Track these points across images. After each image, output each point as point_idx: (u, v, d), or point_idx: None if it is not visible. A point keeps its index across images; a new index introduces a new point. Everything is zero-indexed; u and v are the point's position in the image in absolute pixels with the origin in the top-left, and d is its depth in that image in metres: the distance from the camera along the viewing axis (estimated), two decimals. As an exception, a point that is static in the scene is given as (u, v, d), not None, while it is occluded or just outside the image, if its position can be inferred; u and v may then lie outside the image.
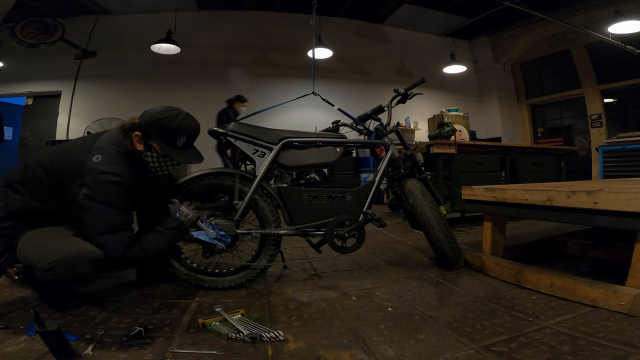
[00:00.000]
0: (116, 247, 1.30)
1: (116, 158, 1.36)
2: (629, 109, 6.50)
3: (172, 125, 1.42)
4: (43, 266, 1.22)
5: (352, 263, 2.15)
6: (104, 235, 1.30)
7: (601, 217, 1.39)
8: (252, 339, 1.13)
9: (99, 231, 1.30)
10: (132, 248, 1.33)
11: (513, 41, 7.43)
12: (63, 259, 1.23)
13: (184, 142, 1.45)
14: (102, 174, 1.30)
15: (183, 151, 1.47)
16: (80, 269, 1.25)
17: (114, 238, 1.30)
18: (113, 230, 1.30)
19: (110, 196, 1.31)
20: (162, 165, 1.49)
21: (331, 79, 6.75)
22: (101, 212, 1.29)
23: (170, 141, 1.43)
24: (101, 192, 1.29)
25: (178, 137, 1.43)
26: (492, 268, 1.83)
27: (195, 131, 1.50)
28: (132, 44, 6.27)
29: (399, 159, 2.03)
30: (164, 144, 1.42)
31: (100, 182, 1.30)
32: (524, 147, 4.19)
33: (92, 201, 1.29)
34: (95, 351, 1.06)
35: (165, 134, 1.42)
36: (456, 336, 1.17)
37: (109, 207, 1.30)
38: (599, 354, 1.01)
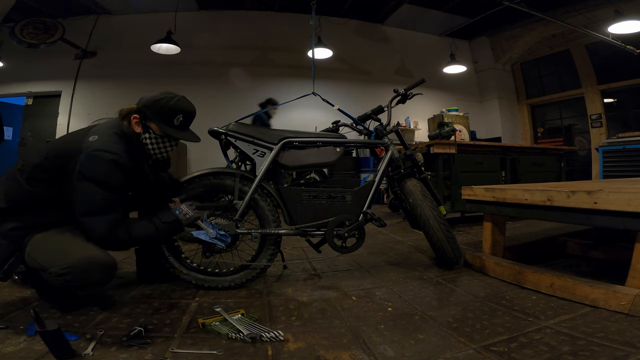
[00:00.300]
0: (100, 228, 1.29)
1: (113, 138, 1.37)
2: (629, 109, 6.50)
3: (169, 105, 1.43)
4: (55, 271, 1.22)
5: (352, 263, 2.15)
6: (89, 217, 1.29)
7: (601, 217, 1.39)
8: (252, 339, 1.13)
9: (83, 211, 1.29)
10: (118, 230, 1.32)
11: (513, 41, 7.43)
12: (76, 266, 1.22)
13: (181, 121, 1.46)
14: (97, 150, 1.30)
15: (180, 130, 1.47)
16: (92, 276, 1.26)
17: (99, 219, 1.29)
18: (99, 211, 1.29)
19: (101, 174, 1.29)
20: (160, 146, 1.48)
21: (331, 79, 6.75)
22: (89, 191, 1.28)
23: (168, 120, 1.43)
24: (92, 169, 1.28)
25: (175, 116, 1.44)
26: (492, 268, 1.83)
27: (192, 112, 1.50)
28: (132, 44, 6.27)
29: (399, 159, 2.03)
30: (161, 123, 1.43)
31: (93, 158, 1.29)
32: (524, 147, 4.19)
33: (83, 180, 1.28)
34: (95, 351, 1.06)
35: (162, 114, 1.43)
36: (456, 336, 1.17)
37: (97, 187, 1.28)
38: (599, 354, 1.01)
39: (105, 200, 1.30)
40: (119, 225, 1.33)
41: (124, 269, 1.91)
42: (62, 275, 1.21)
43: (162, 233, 1.45)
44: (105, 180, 1.29)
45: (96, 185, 1.28)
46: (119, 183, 1.33)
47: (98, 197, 1.29)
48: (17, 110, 6.30)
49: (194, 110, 1.52)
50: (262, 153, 1.78)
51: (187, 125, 1.51)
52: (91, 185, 1.28)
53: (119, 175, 1.32)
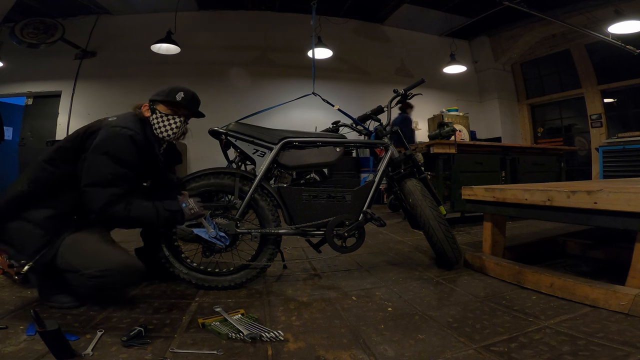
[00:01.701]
0: (98, 200, 1.32)
1: (130, 117, 1.48)
2: (629, 109, 6.50)
3: (171, 87, 1.58)
4: (91, 273, 1.27)
5: (352, 263, 2.15)
6: (92, 187, 1.33)
7: (601, 217, 1.39)
8: (252, 339, 1.13)
9: (87, 182, 1.33)
10: (116, 204, 1.35)
11: (513, 41, 7.43)
12: (112, 269, 1.29)
13: (182, 97, 1.56)
14: (115, 127, 1.38)
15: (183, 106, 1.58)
16: (126, 279, 1.35)
17: (101, 191, 1.33)
18: (102, 183, 1.33)
19: (115, 148, 1.34)
20: (165, 123, 1.56)
21: (331, 79, 6.75)
22: (99, 162, 1.33)
23: (170, 97, 1.55)
24: (107, 142, 1.34)
25: (176, 92, 1.56)
26: (492, 268, 1.83)
27: (192, 93, 1.60)
28: (132, 44, 6.27)
29: (399, 159, 2.03)
30: (165, 99, 1.55)
31: (111, 132, 1.36)
32: (524, 147, 4.19)
33: (96, 152, 1.33)
34: (95, 351, 1.06)
35: (164, 94, 1.56)
36: (456, 336, 1.17)
37: (109, 159, 1.33)
38: (599, 354, 1.01)
39: (113, 174, 1.34)
40: (119, 200, 1.35)
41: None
42: (98, 277, 1.27)
43: (162, 219, 1.46)
44: (118, 155, 1.35)
45: (108, 157, 1.33)
46: (131, 159, 1.39)
47: (107, 170, 1.33)
48: (17, 110, 6.29)
49: (194, 93, 1.62)
50: (262, 153, 1.78)
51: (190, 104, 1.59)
52: (104, 158, 1.33)
53: (132, 152, 1.38)
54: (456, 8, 6.68)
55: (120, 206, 1.35)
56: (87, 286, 1.30)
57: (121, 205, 1.36)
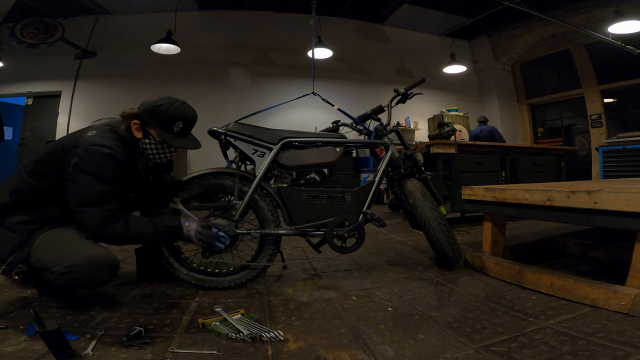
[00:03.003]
0: (93, 218, 1.30)
1: (110, 134, 1.39)
2: (629, 109, 6.50)
3: (169, 112, 1.44)
4: (59, 270, 1.23)
5: (352, 263, 2.15)
6: (83, 207, 1.30)
7: (601, 217, 1.39)
8: (252, 339, 1.13)
9: (78, 203, 1.30)
10: (112, 223, 1.32)
11: (513, 41, 7.43)
12: (79, 264, 1.25)
13: (181, 128, 1.47)
14: (93, 145, 1.32)
15: (180, 137, 1.49)
16: (96, 275, 1.29)
17: (92, 210, 1.30)
18: (93, 202, 1.30)
19: (97, 167, 1.31)
20: (159, 152, 1.50)
21: (331, 79, 6.75)
22: (85, 183, 1.30)
23: (167, 127, 1.45)
24: (89, 162, 1.30)
25: (174, 123, 1.45)
26: (492, 268, 1.83)
27: (192, 118, 1.52)
28: (132, 44, 6.27)
29: (399, 159, 2.03)
30: (160, 129, 1.45)
31: (90, 152, 1.31)
32: (524, 147, 4.20)
33: (78, 172, 1.30)
34: (95, 351, 1.06)
35: (161, 120, 1.44)
36: (456, 336, 1.17)
37: (93, 179, 1.30)
38: (599, 354, 1.01)
39: (101, 192, 1.31)
40: (114, 217, 1.33)
41: (124, 269, 1.90)
42: (66, 274, 1.23)
43: (160, 236, 1.44)
44: (101, 173, 1.31)
45: (92, 177, 1.30)
46: (115, 176, 1.35)
47: (94, 189, 1.30)
48: (17, 110, 6.30)
49: (195, 115, 1.53)
50: (261, 153, 1.78)
51: (187, 131, 1.52)
52: (87, 177, 1.30)
53: (115, 169, 1.34)
54: (456, 8, 6.68)
55: (118, 224, 1.34)
56: (60, 283, 1.27)
57: (119, 224, 1.34)
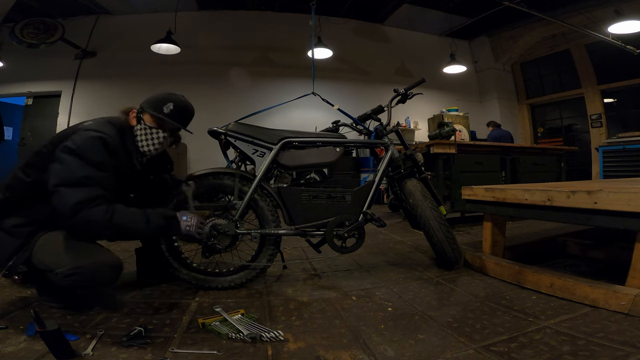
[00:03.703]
0: (68, 198, 1.21)
1: (107, 124, 1.39)
2: (629, 109, 6.50)
3: (161, 95, 1.50)
4: (62, 272, 1.22)
5: (352, 263, 2.15)
6: (60, 186, 1.22)
7: (601, 217, 1.39)
8: (252, 339, 1.13)
9: (56, 181, 1.23)
10: (91, 206, 1.22)
11: (513, 41, 7.43)
12: (83, 266, 1.24)
13: (171, 109, 1.47)
14: (87, 130, 1.32)
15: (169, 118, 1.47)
16: (99, 276, 1.28)
17: (70, 190, 1.22)
18: (72, 182, 1.23)
19: (86, 149, 1.27)
20: (148, 137, 1.48)
21: (331, 79, 6.75)
22: (68, 162, 1.24)
23: (157, 108, 1.47)
24: (79, 144, 1.27)
25: (165, 103, 1.47)
26: (492, 268, 1.83)
27: (184, 105, 1.51)
28: (132, 44, 6.27)
29: (399, 159, 2.03)
30: (152, 110, 1.46)
31: (81, 135, 1.30)
32: (524, 147, 4.19)
33: (66, 152, 1.26)
34: (95, 351, 1.06)
35: (153, 103, 1.48)
36: (456, 336, 1.17)
37: (80, 160, 1.25)
38: (599, 354, 1.01)
39: (85, 175, 1.25)
40: (94, 201, 1.24)
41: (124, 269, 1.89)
42: (70, 275, 1.22)
43: (152, 227, 1.35)
44: (88, 156, 1.26)
45: (79, 158, 1.25)
46: (103, 162, 1.30)
47: (78, 170, 1.24)
48: (17, 110, 6.30)
49: (188, 105, 1.54)
50: (261, 153, 1.78)
51: (179, 118, 1.50)
52: (74, 158, 1.25)
53: (104, 154, 1.30)
54: (456, 8, 6.68)
55: (100, 208, 1.23)
56: (63, 285, 1.25)
57: (101, 208, 1.24)
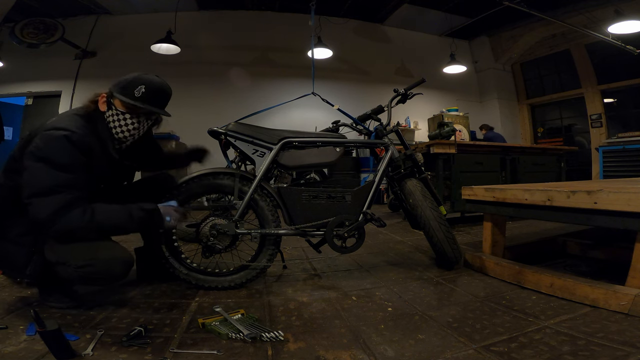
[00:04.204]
0: (43, 209, 1.17)
1: (71, 117, 1.30)
2: (629, 109, 6.50)
3: (130, 77, 1.38)
4: (77, 263, 1.22)
5: (352, 263, 2.15)
6: (33, 197, 1.18)
7: (601, 217, 1.39)
8: (252, 339, 1.13)
9: (28, 193, 1.19)
10: (68, 212, 1.19)
11: (513, 41, 7.44)
12: (98, 259, 1.24)
13: (143, 92, 1.35)
14: (50, 130, 1.23)
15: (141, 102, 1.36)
16: (113, 269, 1.27)
17: (42, 201, 1.18)
18: (45, 192, 1.18)
19: (52, 152, 1.19)
20: (121, 123, 1.37)
21: (331, 79, 6.75)
22: (36, 171, 1.19)
23: (128, 92, 1.35)
24: (44, 148, 1.20)
25: (136, 87, 1.35)
26: (492, 268, 1.83)
27: (156, 85, 1.40)
28: (132, 44, 6.27)
29: (399, 159, 2.03)
30: (122, 95, 1.35)
31: (44, 137, 1.21)
32: (524, 147, 4.19)
33: (31, 159, 1.20)
34: (95, 351, 1.06)
35: (123, 87, 1.37)
36: (456, 336, 1.17)
37: (46, 166, 1.19)
38: (599, 354, 1.01)
39: (55, 181, 1.19)
40: (70, 206, 1.20)
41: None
42: (83, 267, 1.22)
43: (136, 221, 1.32)
44: (55, 159, 1.20)
45: (45, 164, 1.19)
46: (72, 162, 1.23)
47: (47, 177, 1.19)
48: (17, 110, 6.30)
49: (161, 85, 1.42)
50: (261, 153, 1.78)
51: (153, 101, 1.39)
52: (40, 165, 1.19)
53: (72, 153, 1.22)
54: (456, 8, 6.68)
55: (75, 212, 1.20)
56: (74, 277, 1.25)
57: (77, 212, 1.20)
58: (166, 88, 1.45)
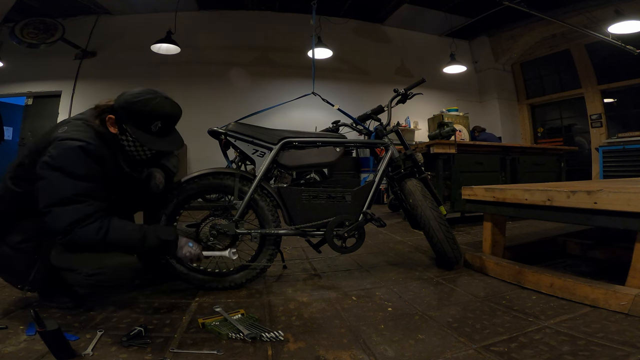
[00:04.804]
0: (61, 219, 1.18)
1: (82, 127, 1.29)
2: (629, 109, 6.50)
3: (145, 110, 1.32)
4: (87, 271, 1.22)
5: (352, 263, 2.15)
6: (53, 207, 1.19)
7: (601, 217, 1.39)
8: (252, 339, 1.13)
9: (47, 202, 1.19)
10: (85, 225, 1.20)
11: (513, 41, 7.44)
12: (108, 266, 1.23)
13: (160, 127, 1.34)
14: (64, 140, 1.22)
15: (159, 137, 1.36)
16: (121, 276, 1.27)
17: (62, 210, 1.19)
18: (63, 202, 1.19)
19: (68, 163, 1.20)
20: (139, 149, 1.41)
21: (331, 79, 6.75)
22: (54, 180, 1.19)
23: (144, 126, 1.33)
24: (59, 158, 1.20)
25: (152, 122, 1.33)
26: (492, 268, 1.83)
27: (172, 116, 1.39)
28: (132, 44, 6.27)
29: (399, 159, 2.03)
30: (136, 128, 1.33)
31: (59, 146, 1.21)
32: (524, 147, 4.19)
33: (47, 169, 1.20)
34: (95, 351, 1.06)
35: (137, 118, 1.33)
36: (456, 336, 1.17)
37: (64, 175, 1.19)
38: (599, 354, 1.01)
39: (74, 190, 1.20)
40: (88, 219, 1.21)
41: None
42: (93, 275, 1.22)
43: (148, 246, 1.33)
44: (73, 169, 1.21)
45: (62, 173, 1.20)
46: (89, 172, 1.24)
47: (64, 187, 1.19)
48: (17, 110, 6.30)
49: (177, 111, 1.41)
50: (261, 153, 1.78)
51: (167, 130, 1.40)
52: (56, 174, 1.20)
53: (88, 163, 1.24)
54: (456, 8, 6.69)
55: (92, 227, 1.21)
56: (83, 285, 1.25)
57: (93, 226, 1.21)
58: (178, 114, 1.43)
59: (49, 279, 1.34)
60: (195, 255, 1.44)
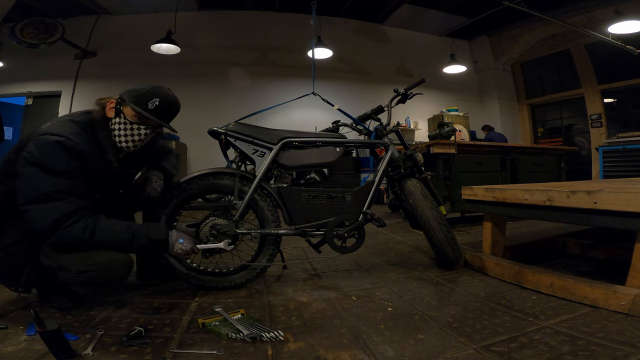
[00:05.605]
0: (41, 218, 1.16)
1: (65, 123, 1.27)
2: (629, 109, 6.50)
3: (146, 89, 1.37)
4: (78, 269, 1.22)
5: (352, 263, 2.15)
6: (32, 204, 1.17)
7: (601, 217, 1.39)
8: (252, 339, 1.13)
9: (25, 199, 1.17)
10: (69, 224, 1.18)
11: (513, 41, 7.44)
12: (99, 263, 1.23)
13: (157, 105, 1.36)
14: (43, 135, 1.20)
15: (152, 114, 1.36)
16: (113, 273, 1.27)
17: (41, 208, 1.16)
18: (42, 198, 1.16)
19: (47, 159, 1.17)
20: (127, 132, 1.36)
21: (331, 79, 6.76)
22: (32, 176, 1.17)
23: (142, 103, 1.35)
24: (37, 153, 1.17)
25: (150, 99, 1.36)
26: (492, 268, 1.83)
27: (170, 100, 1.41)
28: (132, 44, 6.28)
29: (399, 159, 2.03)
30: (134, 104, 1.34)
31: (39, 142, 1.19)
32: (524, 147, 4.19)
33: (25, 165, 1.17)
34: (95, 351, 1.06)
35: (136, 96, 1.36)
36: (456, 336, 1.17)
37: (42, 171, 1.16)
38: (599, 354, 1.01)
39: (52, 187, 1.17)
40: (70, 218, 1.19)
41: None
42: (84, 272, 1.22)
43: (137, 246, 1.32)
44: (50, 165, 1.17)
45: (40, 169, 1.17)
46: (68, 168, 1.21)
47: (43, 184, 1.17)
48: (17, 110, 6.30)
49: (175, 101, 1.44)
50: (261, 153, 1.78)
51: (164, 115, 1.40)
52: (35, 170, 1.17)
53: (67, 159, 1.21)
54: (456, 8, 6.69)
55: (76, 227, 1.19)
56: (75, 282, 1.25)
57: (79, 225, 1.19)
58: (177, 104, 1.46)
59: (43, 280, 1.33)
60: (188, 250, 1.43)
